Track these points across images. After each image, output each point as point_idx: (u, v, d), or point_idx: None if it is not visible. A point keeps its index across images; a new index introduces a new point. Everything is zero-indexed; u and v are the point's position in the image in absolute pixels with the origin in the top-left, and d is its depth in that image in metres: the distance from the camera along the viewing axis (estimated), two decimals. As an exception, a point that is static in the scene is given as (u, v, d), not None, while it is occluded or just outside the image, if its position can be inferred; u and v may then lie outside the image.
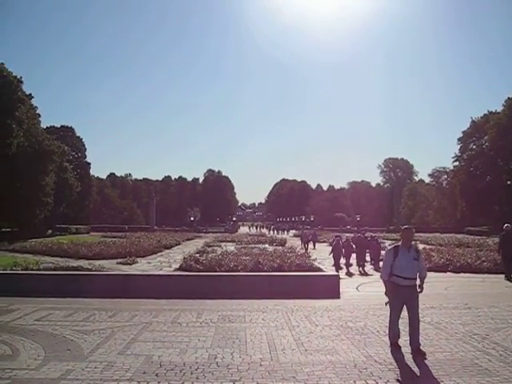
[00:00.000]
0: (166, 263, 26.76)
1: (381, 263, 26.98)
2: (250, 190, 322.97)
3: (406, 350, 8.08)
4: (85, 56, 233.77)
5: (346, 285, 17.72)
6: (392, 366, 7.37)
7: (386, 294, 8.41)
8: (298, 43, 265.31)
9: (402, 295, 8.14)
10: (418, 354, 7.79)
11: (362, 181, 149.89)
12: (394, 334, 8.33)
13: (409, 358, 7.74)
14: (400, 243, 8.43)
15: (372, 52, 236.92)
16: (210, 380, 6.65)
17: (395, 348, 8.17)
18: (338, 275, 16.40)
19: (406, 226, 8.69)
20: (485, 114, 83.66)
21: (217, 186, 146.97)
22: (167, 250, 37.04)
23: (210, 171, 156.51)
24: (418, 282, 8.25)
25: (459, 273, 21.80)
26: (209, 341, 8.81)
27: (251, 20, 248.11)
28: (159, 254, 33.72)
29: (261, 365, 7.37)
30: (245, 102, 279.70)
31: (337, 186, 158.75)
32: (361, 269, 24.03)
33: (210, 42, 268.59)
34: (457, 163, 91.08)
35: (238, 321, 10.62)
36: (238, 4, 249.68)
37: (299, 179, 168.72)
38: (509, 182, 72.72)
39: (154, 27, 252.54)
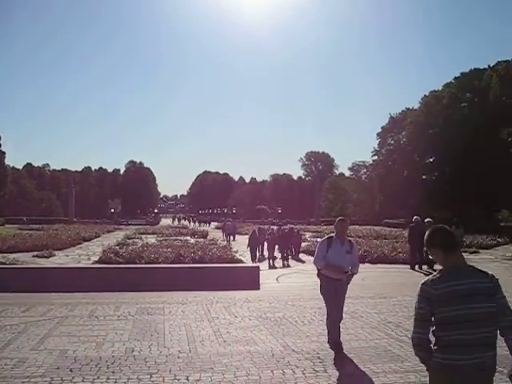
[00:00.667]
0: (84, 256, 26.08)
1: (301, 255, 27.69)
2: (173, 182, 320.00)
3: (323, 339, 8.23)
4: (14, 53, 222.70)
5: (267, 276, 17.87)
6: (309, 355, 7.48)
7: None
8: (233, 42, 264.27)
9: (333, 287, 7.79)
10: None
11: (284, 174, 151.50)
12: (335, 338, 7.79)
13: (325, 347, 7.88)
14: (334, 235, 8.05)
15: (302, 51, 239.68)
16: (127, 374, 6.53)
17: (337, 349, 7.63)
18: (258, 267, 16.55)
19: (340, 218, 8.34)
20: (403, 111, 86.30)
21: (138, 178, 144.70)
22: (86, 243, 36.06)
23: (132, 162, 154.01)
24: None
25: (376, 264, 22.39)
26: (126, 334, 8.66)
27: (186, 18, 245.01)
28: (78, 246, 32.81)
29: (179, 357, 7.31)
30: (170, 96, 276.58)
31: (259, 179, 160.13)
32: (285, 261, 24.24)
33: (144, 40, 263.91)
34: (376, 157, 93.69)
35: (156, 313, 10.49)
36: (170, 2, 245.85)
37: (222, 171, 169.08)
38: (424, 177, 75.49)
39: (85, 25, 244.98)
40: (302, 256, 27.32)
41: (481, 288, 3.35)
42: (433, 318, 3.39)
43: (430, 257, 20.03)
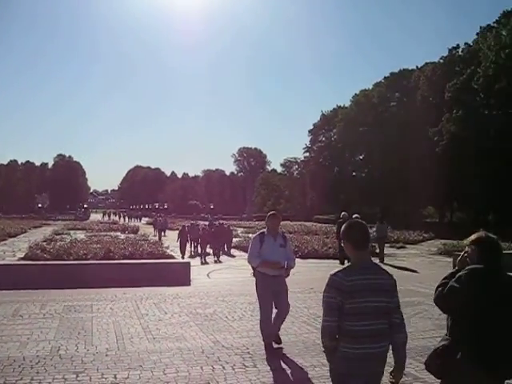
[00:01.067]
0: (9, 252, 25.23)
1: (233, 250, 27.76)
2: (104, 177, 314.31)
3: (253, 334, 8.27)
4: None
5: (198, 272, 17.85)
6: (239, 350, 7.49)
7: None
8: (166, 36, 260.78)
9: (271, 285, 7.51)
10: (275, 338, 7.70)
11: (217, 169, 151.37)
12: (268, 332, 7.61)
13: (255, 342, 7.92)
14: (266, 230, 7.83)
15: (235, 46, 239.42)
16: (52, 373, 6.33)
17: (270, 348, 7.52)
18: (189, 262, 16.44)
19: (272, 212, 8.07)
20: (334, 108, 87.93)
21: (67, 172, 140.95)
22: (11, 239, 34.91)
23: (61, 156, 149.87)
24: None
25: (307, 259, 22.65)
26: (52, 333, 8.41)
27: (124, 16, 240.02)
28: (2, 242, 31.70)
29: (107, 355, 7.16)
30: (103, 92, 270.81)
31: (191, 174, 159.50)
32: (215, 258, 24.21)
33: (81, 38, 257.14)
34: (307, 154, 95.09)
35: (84, 311, 10.24)
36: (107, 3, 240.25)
37: (154, 166, 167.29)
38: (354, 173, 77.16)
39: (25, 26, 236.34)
40: (233, 251, 27.43)
41: (383, 284, 3.62)
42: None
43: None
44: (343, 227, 3.86)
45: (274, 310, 7.73)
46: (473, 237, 3.81)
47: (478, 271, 3.59)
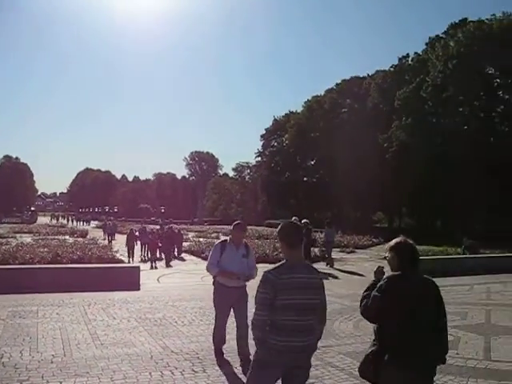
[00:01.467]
0: (-49, 256, 24.39)
1: (183, 254, 27.59)
2: (52, 179, 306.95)
3: (203, 339, 8.24)
4: None
5: (148, 276, 17.64)
6: (188, 355, 7.46)
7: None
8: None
9: (230, 297, 7.22)
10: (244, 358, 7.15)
11: (168, 173, 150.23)
12: (219, 339, 7.52)
13: (204, 347, 7.88)
14: (229, 238, 7.47)
15: (191, 48, 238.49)
16: (-6, 382, 6.18)
17: (218, 354, 7.46)
18: (138, 267, 16.25)
19: (237, 222, 7.57)
20: (286, 114, 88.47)
21: (14, 173, 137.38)
22: (-47, 242, 33.83)
23: (7, 157, 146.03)
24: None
25: (258, 263, 22.51)
26: (-5, 339, 8.20)
27: (65, 16, 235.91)
28: None
29: (52, 362, 7.01)
30: (50, 92, 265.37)
31: (142, 178, 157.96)
32: (166, 262, 23.94)
33: (23, 36, 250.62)
34: (259, 159, 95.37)
35: (29, 316, 10.01)
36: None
37: (104, 169, 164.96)
38: (305, 179, 77.81)
39: None
40: (184, 256, 27.27)
41: (313, 283, 3.94)
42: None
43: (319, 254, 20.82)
44: (278, 228, 4.12)
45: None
46: (391, 243, 4.07)
47: (396, 278, 3.85)
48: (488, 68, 49.56)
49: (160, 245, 25.28)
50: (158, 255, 24.92)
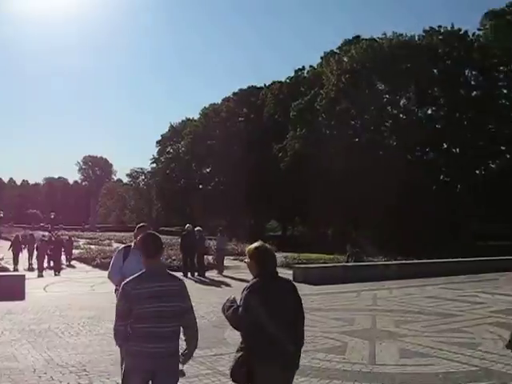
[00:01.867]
0: None
1: (73, 262, 26.71)
2: None
3: (90, 350, 7.96)
4: None
5: (34, 285, 16.85)
6: (74, 368, 7.15)
7: None
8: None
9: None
10: None
11: (59, 177, 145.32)
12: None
13: (92, 358, 7.60)
14: (133, 243, 6.88)
15: (96, 52, 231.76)
16: None
17: None
18: (23, 275, 15.48)
19: (141, 224, 7.03)
20: (183, 120, 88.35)
21: None
22: None
23: None
24: None
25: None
26: None
27: None
28: None
29: None
30: None
31: (31, 181, 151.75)
32: (54, 270, 23.01)
33: None
34: (154, 165, 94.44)
35: None
36: None
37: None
38: (201, 186, 77.75)
39: None
40: (74, 263, 26.40)
41: (172, 290, 4.01)
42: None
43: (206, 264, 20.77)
44: (139, 238, 4.39)
45: None
46: (249, 249, 4.34)
47: (255, 286, 4.07)
48: (378, 84, 51.83)
49: (49, 252, 24.26)
50: (46, 263, 23.93)
